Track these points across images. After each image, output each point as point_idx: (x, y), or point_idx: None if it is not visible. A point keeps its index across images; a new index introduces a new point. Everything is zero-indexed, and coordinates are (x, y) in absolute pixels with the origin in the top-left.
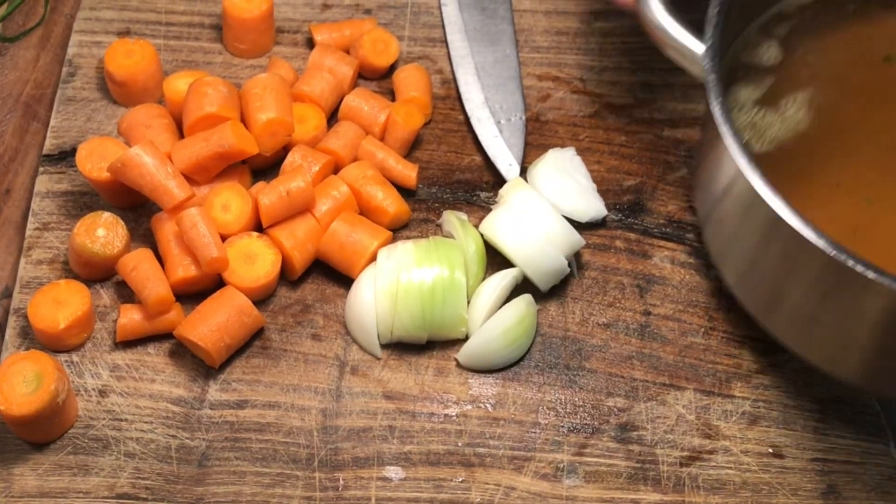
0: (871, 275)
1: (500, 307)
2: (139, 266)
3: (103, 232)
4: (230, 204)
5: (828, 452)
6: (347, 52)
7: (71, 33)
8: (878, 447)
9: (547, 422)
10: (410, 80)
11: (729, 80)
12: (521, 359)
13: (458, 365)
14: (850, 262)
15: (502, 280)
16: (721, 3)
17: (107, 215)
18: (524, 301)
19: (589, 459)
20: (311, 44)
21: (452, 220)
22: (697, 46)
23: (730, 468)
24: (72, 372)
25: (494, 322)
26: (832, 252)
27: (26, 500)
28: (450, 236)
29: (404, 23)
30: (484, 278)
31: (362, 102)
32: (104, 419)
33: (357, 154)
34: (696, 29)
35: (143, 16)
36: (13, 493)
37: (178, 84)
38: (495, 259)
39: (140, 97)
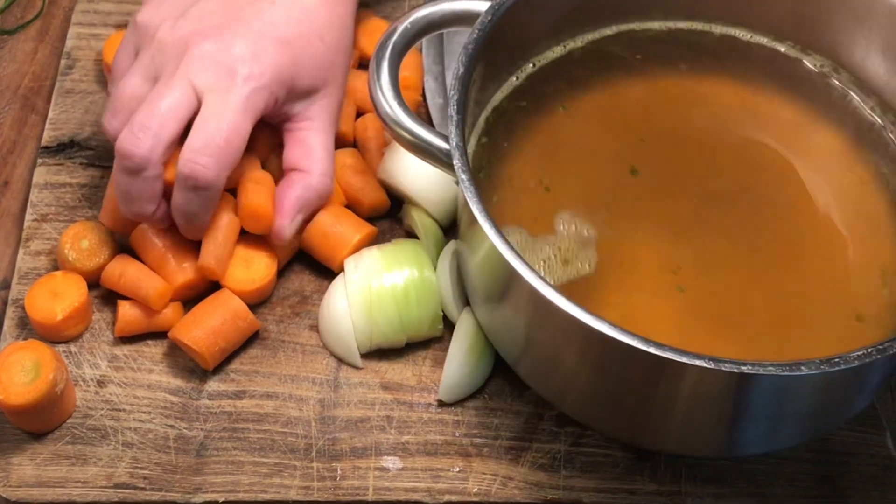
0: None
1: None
2: (125, 271)
3: (87, 244)
4: None
5: (824, 443)
6: None
7: (69, 26)
8: (873, 438)
9: (544, 412)
10: (404, 62)
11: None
12: None
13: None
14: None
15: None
16: (457, 103)
17: (92, 226)
18: (467, 316)
19: (586, 450)
20: None
21: (411, 213)
22: (443, 143)
23: (726, 459)
24: (70, 362)
25: (453, 351)
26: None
27: (24, 490)
28: (410, 229)
29: (401, 15)
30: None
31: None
32: (102, 409)
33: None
34: None
35: None
36: (11, 482)
37: None
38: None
39: None
